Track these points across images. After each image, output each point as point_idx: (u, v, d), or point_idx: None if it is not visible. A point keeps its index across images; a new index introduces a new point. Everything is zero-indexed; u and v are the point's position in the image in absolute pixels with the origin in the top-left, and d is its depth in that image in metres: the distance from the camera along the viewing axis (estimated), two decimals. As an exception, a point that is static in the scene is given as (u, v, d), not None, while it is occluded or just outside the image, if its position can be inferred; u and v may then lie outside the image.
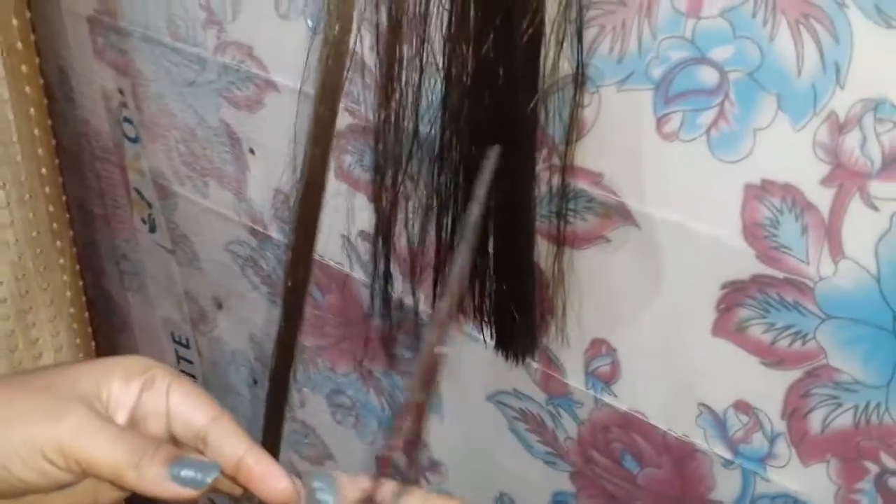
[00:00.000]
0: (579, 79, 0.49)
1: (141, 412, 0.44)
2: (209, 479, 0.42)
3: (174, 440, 0.46)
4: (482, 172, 0.51)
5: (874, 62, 0.40)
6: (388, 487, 0.43)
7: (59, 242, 0.89)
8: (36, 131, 0.83)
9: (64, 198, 0.90)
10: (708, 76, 0.45)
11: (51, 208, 0.87)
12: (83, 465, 0.41)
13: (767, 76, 0.43)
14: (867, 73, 0.40)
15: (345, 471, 0.44)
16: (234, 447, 0.43)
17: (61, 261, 0.89)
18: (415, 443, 0.46)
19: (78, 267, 0.93)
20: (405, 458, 0.45)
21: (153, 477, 0.41)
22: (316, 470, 0.43)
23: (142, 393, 0.44)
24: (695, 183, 0.48)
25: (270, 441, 0.76)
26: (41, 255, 0.88)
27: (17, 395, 0.42)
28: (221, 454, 0.43)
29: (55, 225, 0.88)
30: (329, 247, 0.71)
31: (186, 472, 0.42)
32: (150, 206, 0.88)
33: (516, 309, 0.58)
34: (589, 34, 0.48)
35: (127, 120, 0.84)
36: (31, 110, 0.82)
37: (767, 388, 0.50)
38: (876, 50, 0.40)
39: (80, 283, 0.93)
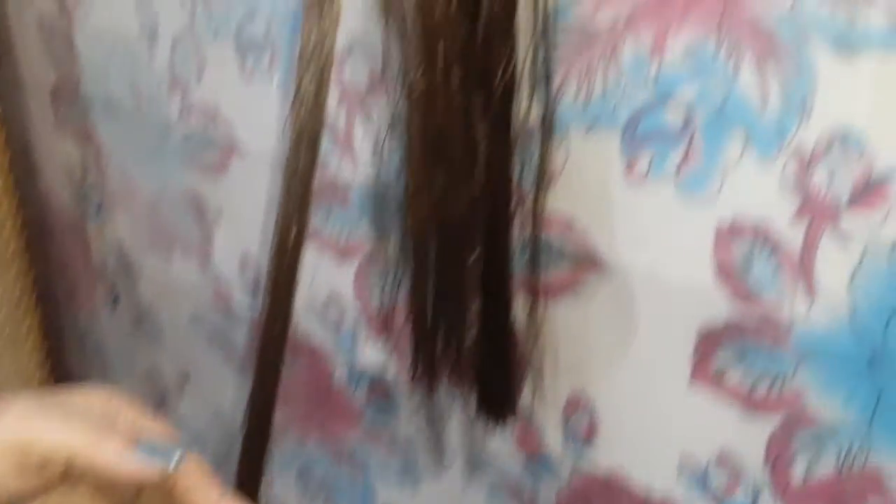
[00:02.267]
0: (547, 126, 0.49)
1: None
2: (173, 460, 0.41)
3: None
4: None
5: (838, 94, 0.40)
6: None
7: (27, 321, 0.87)
8: (4, 205, 0.82)
9: (31, 277, 0.88)
10: (673, 116, 0.45)
11: (17, 289, 0.85)
12: (34, 451, 0.39)
13: (734, 112, 0.43)
14: (832, 105, 0.40)
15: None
16: (206, 495, 0.42)
17: (28, 343, 0.87)
18: None
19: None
20: None
21: (114, 454, 0.40)
22: None
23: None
24: (665, 225, 0.47)
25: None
26: (8, 336, 0.86)
27: None
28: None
29: (22, 306, 0.86)
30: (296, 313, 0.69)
31: (150, 452, 0.40)
32: (113, 281, 0.86)
33: (497, 369, 0.56)
34: (555, 80, 0.48)
35: (90, 192, 0.83)
36: None
37: (748, 438, 0.49)
38: (840, 81, 0.40)
39: (50, 364, 0.91)
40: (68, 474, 0.42)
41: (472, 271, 0.53)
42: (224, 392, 0.83)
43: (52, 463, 0.40)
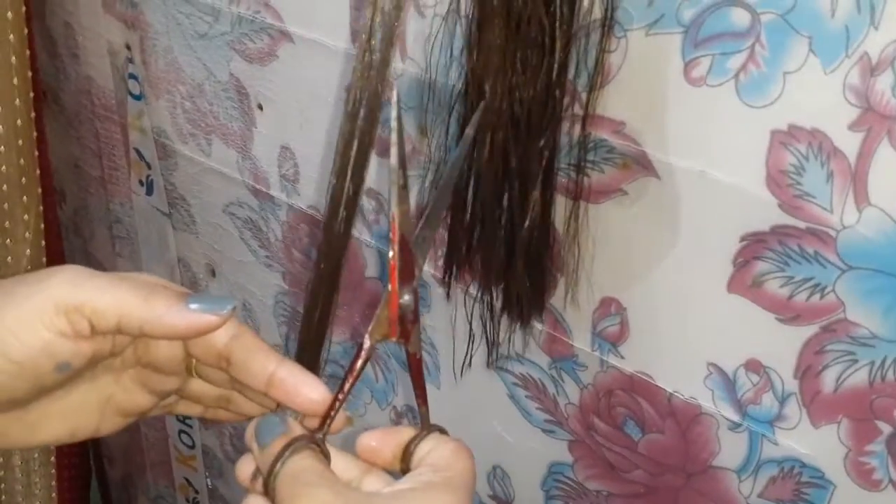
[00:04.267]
0: (608, 22, 0.49)
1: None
2: (227, 309, 0.40)
3: (191, 364, 0.44)
4: (469, 126, 0.50)
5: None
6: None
7: (25, 198, 0.86)
8: (15, 80, 0.81)
9: (36, 153, 0.87)
10: (739, 18, 0.45)
11: (21, 161, 0.85)
12: (85, 312, 0.39)
13: (800, 18, 0.43)
14: (904, 12, 0.40)
15: (333, 444, 0.43)
16: (263, 363, 0.41)
17: (25, 217, 0.86)
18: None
19: (42, 226, 0.90)
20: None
21: (165, 308, 0.39)
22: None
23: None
24: (720, 130, 0.47)
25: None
26: (6, 210, 0.85)
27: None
28: (249, 373, 0.42)
29: (24, 179, 0.86)
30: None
31: (201, 304, 0.40)
32: (149, 166, 0.87)
33: (528, 269, 0.57)
34: (620, -24, 0.48)
35: (132, 76, 0.83)
36: (13, 59, 0.80)
37: (781, 346, 0.50)
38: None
39: (43, 242, 0.90)
40: (119, 343, 0.42)
41: (514, 168, 0.54)
42: (251, 285, 0.85)
43: (104, 324, 0.39)
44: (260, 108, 0.72)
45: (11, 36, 0.80)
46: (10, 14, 0.79)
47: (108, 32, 0.83)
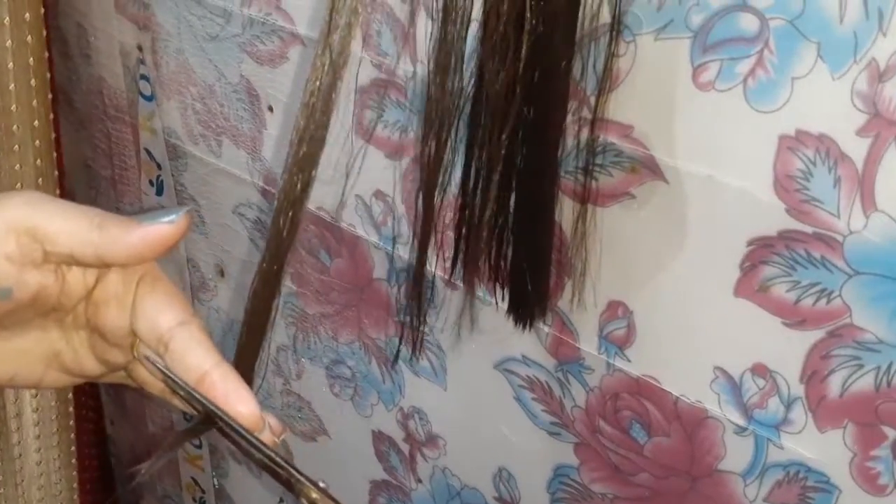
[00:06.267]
0: (616, 27, 0.49)
1: (104, 293, 0.41)
2: (180, 214, 0.39)
3: (135, 343, 0.42)
4: None
5: (919, 8, 0.40)
6: None
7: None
8: (33, 82, 0.82)
9: (54, 154, 0.88)
10: (748, 23, 0.45)
11: (38, 162, 0.85)
12: (38, 236, 0.38)
13: (809, 23, 0.43)
14: (912, 19, 0.40)
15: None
16: (200, 359, 0.40)
17: None
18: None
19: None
20: None
21: (120, 230, 0.38)
22: None
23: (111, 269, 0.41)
24: (728, 134, 0.47)
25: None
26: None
27: None
28: (184, 365, 0.40)
29: (41, 180, 0.87)
30: (341, 207, 0.70)
31: (152, 218, 0.39)
32: (159, 167, 0.87)
33: (532, 271, 0.57)
34: (629, -20, 0.48)
35: (143, 77, 0.83)
36: (31, 60, 0.81)
37: (787, 350, 0.50)
38: (923, -6, 0.40)
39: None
40: (68, 292, 0.41)
41: (520, 170, 0.54)
42: (260, 286, 0.85)
43: (57, 249, 0.38)
44: (270, 109, 0.73)
45: (30, 37, 0.80)
46: (27, 15, 0.80)
47: (120, 34, 0.83)
